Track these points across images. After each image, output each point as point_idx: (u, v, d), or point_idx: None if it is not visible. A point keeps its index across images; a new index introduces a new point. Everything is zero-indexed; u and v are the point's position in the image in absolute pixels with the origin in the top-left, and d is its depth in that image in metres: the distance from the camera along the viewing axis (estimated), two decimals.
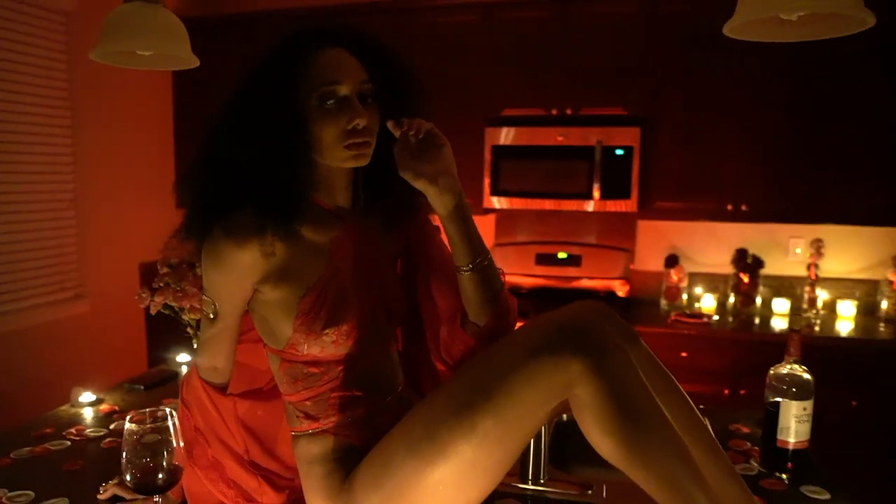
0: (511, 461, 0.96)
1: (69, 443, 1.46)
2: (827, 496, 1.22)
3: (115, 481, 1.20)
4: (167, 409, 1.01)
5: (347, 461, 1.03)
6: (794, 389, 1.30)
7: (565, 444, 1.52)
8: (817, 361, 1.30)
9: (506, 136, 3.13)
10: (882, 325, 2.94)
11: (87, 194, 3.20)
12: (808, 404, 1.30)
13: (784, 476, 1.30)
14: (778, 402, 1.31)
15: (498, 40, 3.15)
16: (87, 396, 1.72)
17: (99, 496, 1.20)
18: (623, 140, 3.00)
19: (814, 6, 0.93)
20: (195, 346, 1.53)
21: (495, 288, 1.08)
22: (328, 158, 1.01)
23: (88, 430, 1.53)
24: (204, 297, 1.08)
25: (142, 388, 1.84)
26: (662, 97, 3.01)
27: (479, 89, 3.18)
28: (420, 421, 0.97)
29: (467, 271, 1.07)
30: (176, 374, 1.97)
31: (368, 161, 1.03)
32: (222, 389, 1.13)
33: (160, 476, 1.00)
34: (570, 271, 3.43)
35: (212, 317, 1.07)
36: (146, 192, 3.53)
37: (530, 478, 1.29)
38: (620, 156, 3.01)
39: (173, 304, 1.39)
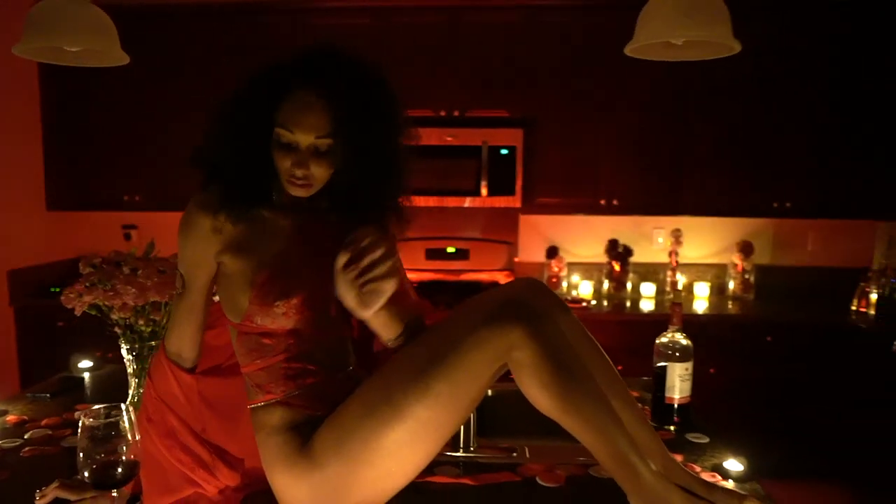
0: (459, 422, 1.09)
1: None
2: (707, 440, 1.47)
3: (56, 484, 1.18)
4: (122, 405, 1.04)
5: (303, 430, 1.11)
6: (677, 354, 1.53)
7: (485, 418, 1.67)
8: None
9: None
10: (730, 302, 3.39)
11: None
12: (689, 365, 1.54)
13: (672, 428, 1.53)
14: (664, 366, 1.54)
15: (389, 44, 3.25)
16: None
17: (37, 502, 1.18)
18: (507, 140, 3.23)
19: (694, 35, 1.15)
20: (122, 345, 1.52)
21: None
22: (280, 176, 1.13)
23: (1, 442, 1.47)
24: (178, 273, 1.17)
25: (47, 396, 1.76)
26: (542, 101, 3.27)
27: None
28: (378, 387, 1.08)
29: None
30: (82, 380, 1.90)
31: (310, 195, 1.13)
32: (188, 370, 1.20)
33: (118, 470, 1.02)
34: (459, 265, 3.63)
35: (180, 289, 1.15)
36: (12, 192, 3.27)
37: (461, 446, 1.43)
38: (505, 155, 3.24)
39: (103, 303, 1.38)
